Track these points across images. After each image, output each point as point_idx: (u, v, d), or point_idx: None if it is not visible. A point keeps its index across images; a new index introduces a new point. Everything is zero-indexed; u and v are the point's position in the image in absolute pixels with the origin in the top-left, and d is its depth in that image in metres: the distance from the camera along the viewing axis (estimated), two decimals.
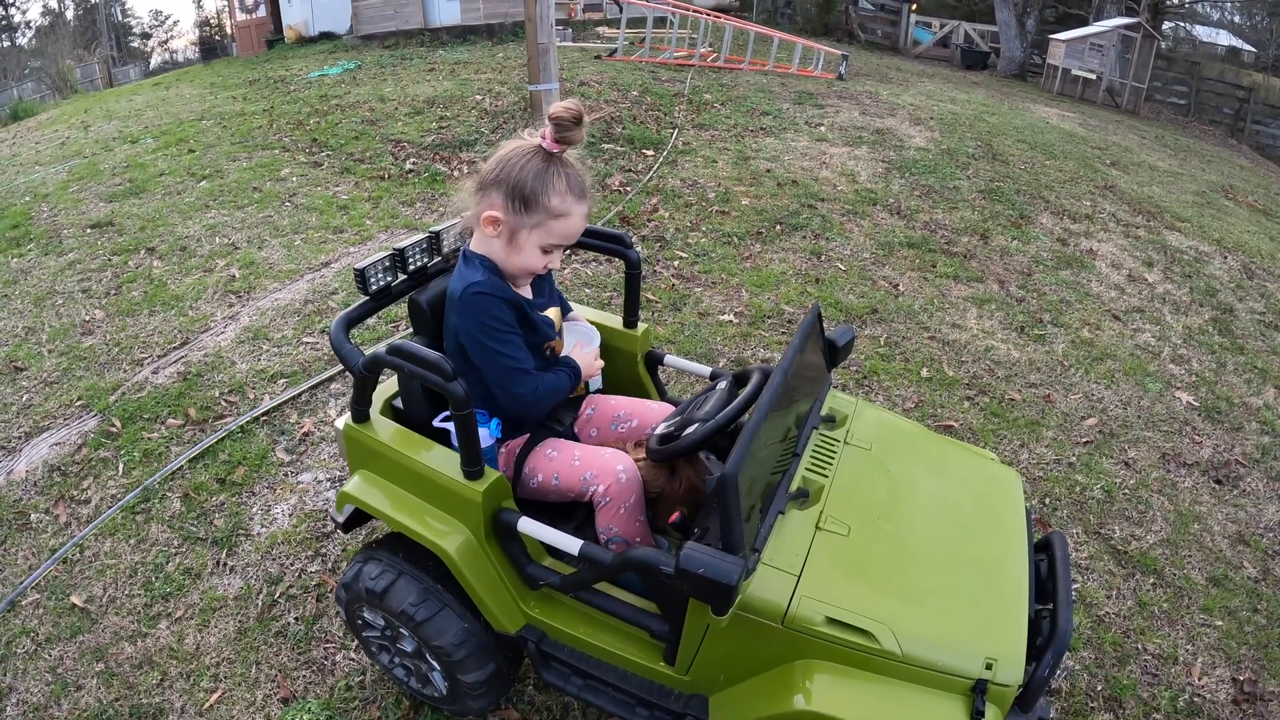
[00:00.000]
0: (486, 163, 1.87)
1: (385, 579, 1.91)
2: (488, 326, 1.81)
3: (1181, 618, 2.88)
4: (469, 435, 1.66)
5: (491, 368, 1.85)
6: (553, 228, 1.82)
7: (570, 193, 1.81)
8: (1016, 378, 4.21)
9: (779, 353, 4.16)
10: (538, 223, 1.81)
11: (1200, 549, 3.22)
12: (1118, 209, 7.21)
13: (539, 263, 1.87)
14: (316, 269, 4.89)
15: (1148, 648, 2.75)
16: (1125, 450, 3.74)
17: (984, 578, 1.68)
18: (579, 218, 1.85)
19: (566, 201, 1.80)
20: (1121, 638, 2.77)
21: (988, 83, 16.37)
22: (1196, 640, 2.81)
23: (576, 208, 1.83)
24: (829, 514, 1.73)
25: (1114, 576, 3.02)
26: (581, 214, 1.85)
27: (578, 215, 1.84)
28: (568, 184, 1.81)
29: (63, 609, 2.68)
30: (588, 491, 1.88)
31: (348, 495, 1.93)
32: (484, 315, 1.80)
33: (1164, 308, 5.31)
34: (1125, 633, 2.79)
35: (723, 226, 5.71)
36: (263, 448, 3.34)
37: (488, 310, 1.80)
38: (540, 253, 1.85)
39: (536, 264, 1.87)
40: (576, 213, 1.83)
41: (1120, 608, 2.89)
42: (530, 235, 1.82)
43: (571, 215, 1.82)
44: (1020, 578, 1.67)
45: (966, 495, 1.91)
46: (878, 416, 2.11)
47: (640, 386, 2.39)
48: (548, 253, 1.87)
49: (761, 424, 1.49)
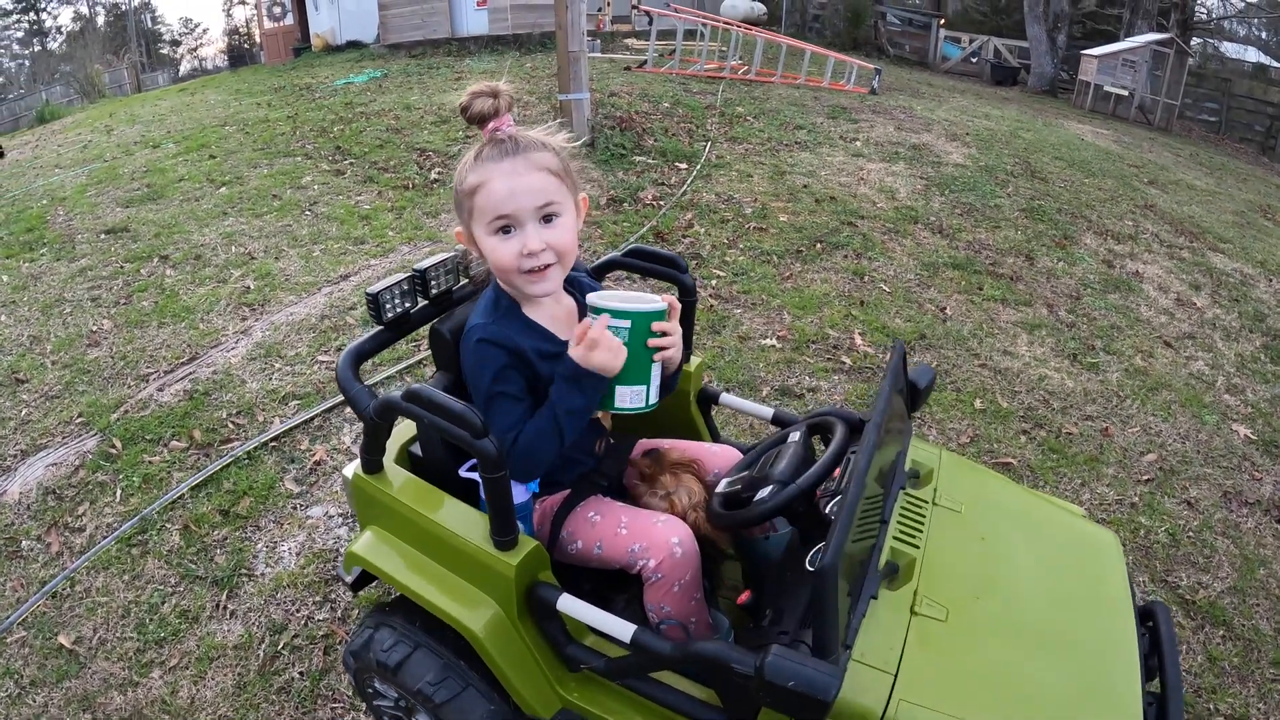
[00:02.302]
0: None
1: (399, 651, 1.66)
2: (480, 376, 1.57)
3: (1252, 673, 2.67)
4: (502, 501, 1.41)
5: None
6: (479, 205, 1.52)
7: (481, 161, 1.52)
8: (1072, 409, 4.00)
9: (825, 381, 3.91)
10: (469, 211, 1.55)
11: (1267, 596, 3.01)
12: (1160, 229, 7.08)
13: (508, 254, 1.53)
14: (335, 282, 4.68)
15: (1220, 708, 2.54)
16: (1186, 489, 3.55)
17: (1094, 664, 1.47)
18: (499, 177, 1.50)
19: (477, 171, 1.52)
20: (1194, 698, 2.56)
21: (1019, 98, 16.17)
22: (1268, 698, 2.60)
23: (491, 169, 1.51)
24: (923, 594, 1.48)
25: (1183, 629, 2.82)
26: (503, 172, 1.50)
27: (496, 175, 1.50)
28: (473, 156, 1.54)
29: (50, 649, 2.46)
30: (635, 565, 1.60)
31: (356, 556, 1.68)
32: (476, 364, 1.57)
33: (1214, 334, 5.16)
34: (1197, 691, 2.58)
35: (761, 244, 5.48)
36: (270, 477, 3.11)
37: (479, 359, 1.56)
38: (497, 241, 1.54)
39: (505, 256, 1.53)
40: (494, 173, 1.50)
41: (1191, 664, 2.68)
42: (476, 230, 1.55)
43: (489, 179, 1.51)
44: (1131, 661, 1.47)
45: (1066, 564, 1.69)
46: (965, 471, 1.86)
47: (692, 428, 2.12)
48: (508, 234, 1.53)
49: (860, 498, 1.23)
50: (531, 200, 1.52)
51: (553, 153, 1.56)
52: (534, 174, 1.52)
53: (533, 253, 1.53)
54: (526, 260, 1.53)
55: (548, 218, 1.55)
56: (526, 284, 1.57)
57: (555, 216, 1.56)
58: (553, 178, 1.54)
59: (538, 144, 1.55)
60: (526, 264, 1.54)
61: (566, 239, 1.57)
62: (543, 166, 1.53)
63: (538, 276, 1.56)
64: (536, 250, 1.53)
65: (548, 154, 1.55)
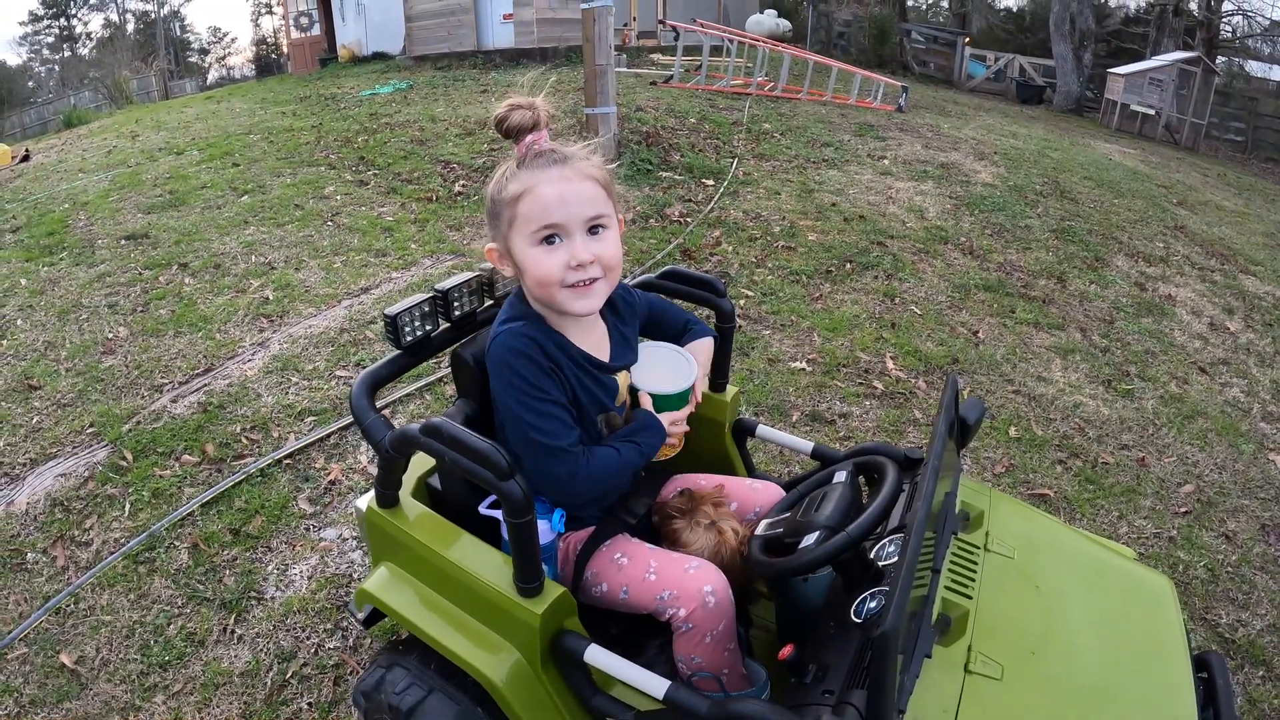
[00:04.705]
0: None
1: (413, 695, 1.55)
2: (513, 388, 1.43)
3: None
4: (527, 545, 1.31)
5: (521, 443, 1.47)
6: (522, 212, 1.42)
7: (523, 168, 1.44)
8: (1108, 438, 3.88)
9: (857, 407, 3.80)
10: (509, 220, 1.44)
11: None
12: (1190, 251, 6.98)
13: (551, 265, 1.42)
14: (355, 294, 4.61)
15: None
16: (1224, 521, 3.44)
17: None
18: (546, 183, 1.41)
19: (521, 179, 1.42)
20: None
21: (1045, 117, 16.07)
22: None
23: (538, 176, 1.42)
24: (978, 650, 1.37)
25: None
26: (550, 178, 1.41)
27: (543, 181, 1.41)
28: (516, 164, 1.45)
29: (51, 668, 2.38)
30: (665, 613, 1.49)
31: (368, 594, 1.58)
32: (509, 372, 1.44)
33: (1249, 359, 5.06)
34: None
35: (790, 263, 5.37)
36: (283, 496, 3.02)
37: (512, 367, 1.43)
38: (542, 251, 1.42)
39: (549, 268, 1.42)
40: (541, 179, 1.41)
41: None
42: (516, 241, 1.44)
43: (536, 185, 1.41)
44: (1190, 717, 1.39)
45: (1122, 614, 1.60)
46: (1015, 512, 1.75)
47: (727, 461, 2.01)
48: (551, 244, 1.42)
49: (919, 554, 1.12)
50: (582, 209, 1.42)
51: (599, 165, 1.48)
52: (585, 182, 1.43)
53: (581, 264, 1.42)
54: (573, 273, 1.42)
55: (595, 229, 1.45)
56: (570, 299, 1.45)
57: (603, 229, 1.46)
58: (601, 189, 1.45)
59: (584, 155, 1.46)
60: (573, 276, 1.43)
61: (615, 253, 1.47)
62: (592, 176, 1.45)
63: (583, 291, 1.45)
64: (586, 261, 1.42)
65: (595, 165, 1.47)
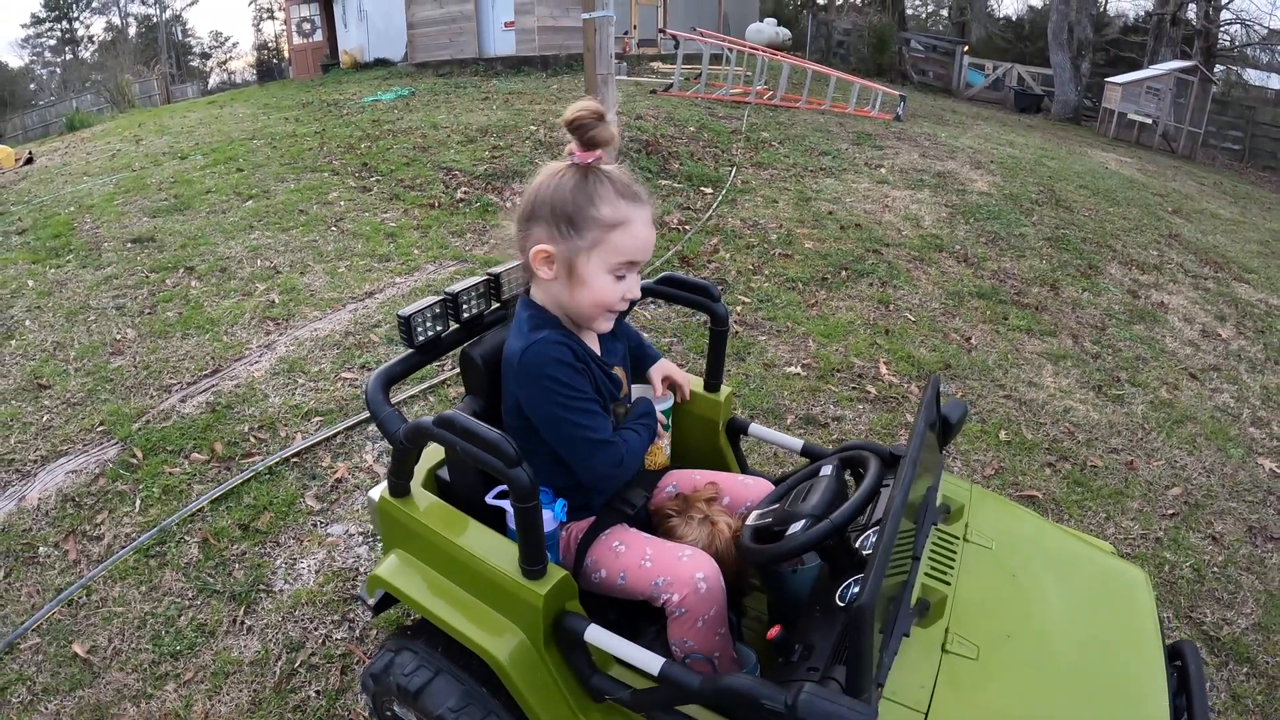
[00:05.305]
0: (521, 198, 1.60)
1: (420, 676, 1.63)
2: (557, 395, 1.52)
3: (1276, 710, 2.63)
4: (533, 530, 1.39)
5: (567, 443, 1.57)
6: (614, 242, 1.51)
7: (622, 197, 1.52)
8: (1097, 442, 3.96)
9: (850, 411, 3.88)
10: (594, 241, 1.51)
11: None
12: (1184, 259, 7.06)
13: (614, 294, 1.55)
14: (360, 299, 4.69)
15: None
16: (1211, 523, 3.50)
17: (1123, 705, 1.46)
18: (642, 224, 1.54)
19: (620, 208, 1.51)
20: None
21: (1042, 126, 16.19)
22: None
23: (635, 212, 1.53)
24: (954, 632, 1.45)
25: (1207, 666, 2.77)
26: (644, 219, 1.54)
27: (639, 221, 1.53)
28: (615, 189, 1.52)
29: (64, 657, 2.44)
30: (659, 599, 1.58)
31: (380, 580, 1.65)
32: (550, 382, 1.51)
33: (1240, 365, 5.13)
34: None
35: (786, 270, 5.46)
36: (291, 493, 3.10)
37: (554, 376, 1.52)
38: (612, 279, 1.54)
39: (611, 296, 1.55)
40: (638, 218, 1.53)
41: (1215, 701, 2.64)
42: (591, 261, 1.52)
43: (632, 221, 1.52)
44: (1160, 702, 1.45)
45: (1097, 602, 1.68)
46: (995, 507, 1.84)
47: (720, 459, 2.10)
48: (621, 277, 1.55)
49: (895, 536, 1.21)
50: (649, 254, 1.60)
51: None
52: (653, 229, 1.60)
53: (629, 300, 1.59)
54: (622, 304, 1.59)
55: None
56: (604, 320, 1.63)
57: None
58: None
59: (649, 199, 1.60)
60: (620, 306, 1.60)
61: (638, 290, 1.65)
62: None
63: (615, 316, 1.64)
64: (634, 299, 1.61)
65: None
